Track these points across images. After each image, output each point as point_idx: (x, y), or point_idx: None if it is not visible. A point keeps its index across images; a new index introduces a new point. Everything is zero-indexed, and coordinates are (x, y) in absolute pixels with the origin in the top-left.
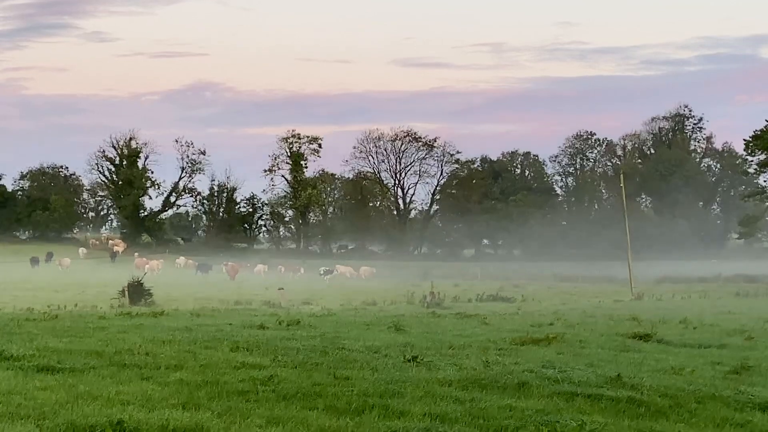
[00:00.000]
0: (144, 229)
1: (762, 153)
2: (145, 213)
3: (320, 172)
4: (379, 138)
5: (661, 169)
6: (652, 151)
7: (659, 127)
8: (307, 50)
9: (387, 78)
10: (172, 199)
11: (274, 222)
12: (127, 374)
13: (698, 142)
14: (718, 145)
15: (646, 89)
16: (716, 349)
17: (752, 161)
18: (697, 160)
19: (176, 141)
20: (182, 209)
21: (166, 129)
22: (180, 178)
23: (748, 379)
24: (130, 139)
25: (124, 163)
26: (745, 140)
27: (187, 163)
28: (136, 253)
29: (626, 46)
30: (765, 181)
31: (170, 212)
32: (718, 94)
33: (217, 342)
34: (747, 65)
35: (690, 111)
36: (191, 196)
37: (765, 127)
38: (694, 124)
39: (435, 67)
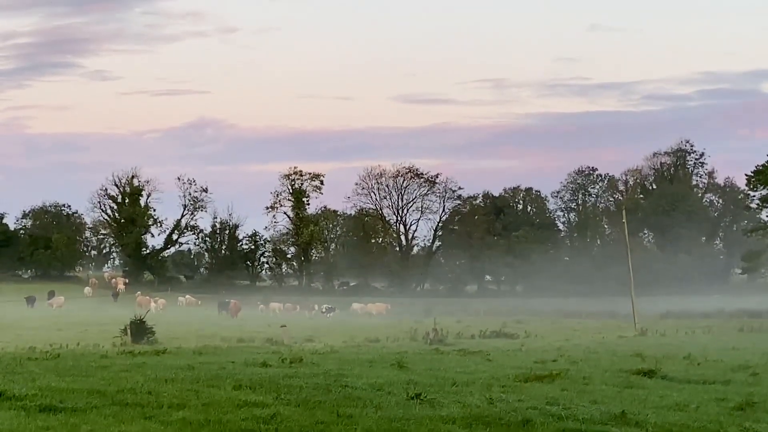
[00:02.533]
0: (146, 267)
1: (764, 188)
2: (148, 251)
3: (322, 208)
4: (380, 174)
5: (663, 205)
6: (654, 187)
7: (661, 163)
8: (309, 87)
9: (388, 114)
10: (175, 236)
11: (276, 259)
12: (130, 413)
13: (700, 177)
14: (720, 180)
15: (647, 124)
16: (721, 385)
17: (754, 196)
18: (699, 195)
19: (178, 178)
20: (184, 247)
21: (168, 166)
22: (182, 216)
23: (753, 415)
24: (132, 177)
25: (126, 201)
26: (746, 175)
27: (189, 200)
28: (139, 292)
29: (627, 81)
30: (767, 216)
31: (172, 250)
32: (719, 129)
33: (220, 380)
34: (748, 100)
35: (691, 146)
36: (193, 233)
37: (766, 162)
38: (696, 159)
39: (436, 103)
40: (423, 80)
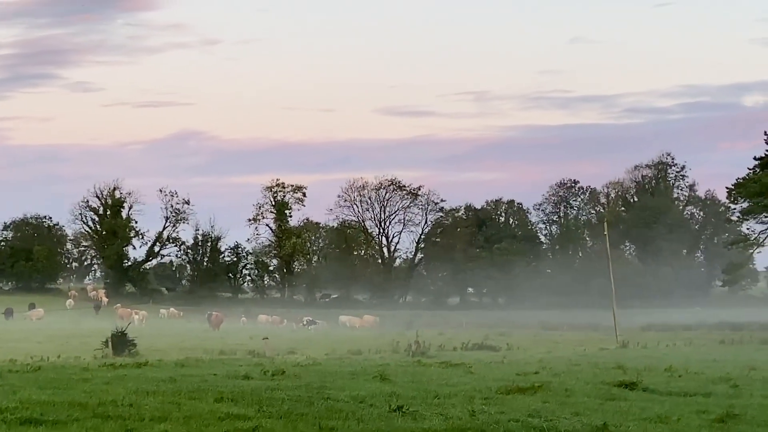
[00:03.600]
0: (128, 279)
1: (745, 201)
2: (129, 263)
3: (305, 220)
4: (363, 186)
5: (645, 217)
6: (636, 199)
7: (642, 175)
8: (292, 99)
9: (371, 126)
10: (156, 248)
11: (258, 271)
12: (111, 426)
13: (681, 189)
14: (701, 192)
15: (628, 137)
16: (702, 397)
17: (735, 209)
18: (681, 207)
19: (160, 190)
20: (166, 259)
21: (150, 178)
22: (164, 228)
23: (735, 427)
24: (114, 188)
25: (108, 213)
26: (727, 188)
27: (171, 212)
28: (119, 304)
29: (609, 94)
30: (748, 229)
31: (154, 262)
32: (700, 142)
33: (202, 393)
34: (729, 113)
35: (673, 159)
36: (175, 245)
37: (747, 174)
38: (677, 172)
39: (419, 115)
40: (405, 92)
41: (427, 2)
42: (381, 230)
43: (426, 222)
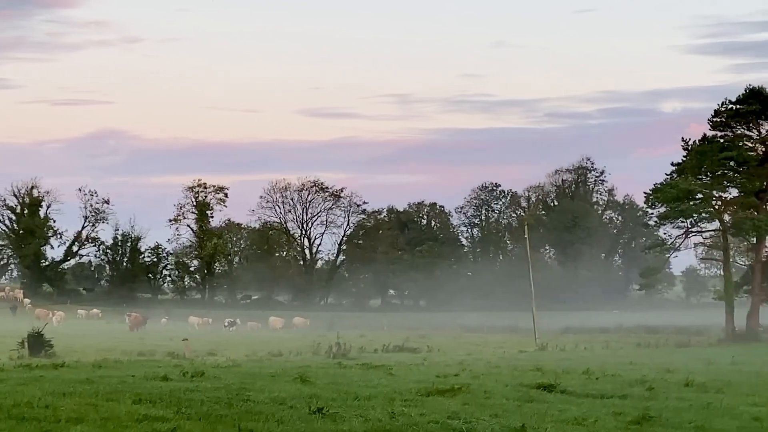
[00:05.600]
0: (45, 279)
1: (662, 206)
2: (47, 263)
3: (226, 221)
4: (285, 188)
5: (565, 221)
6: (556, 203)
7: (562, 180)
8: (214, 99)
9: (294, 127)
10: (75, 248)
11: (178, 272)
12: (26, 428)
13: (600, 194)
14: (619, 197)
15: (549, 141)
16: (618, 399)
17: (652, 214)
18: (600, 212)
19: (79, 190)
20: (85, 259)
21: (69, 177)
22: (83, 228)
23: (650, 429)
24: (32, 187)
25: (25, 211)
26: (645, 193)
27: (90, 212)
28: (30, 303)
29: (530, 98)
30: (665, 234)
31: (72, 262)
32: (619, 147)
33: (120, 394)
34: (647, 119)
35: (592, 164)
36: (94, 245)
37: (664, 180)
38: (597, 176)
39: (342, 117)
40: (329, 94)
41: (350, 5)
42: (303, 232)
43: (348, 224)
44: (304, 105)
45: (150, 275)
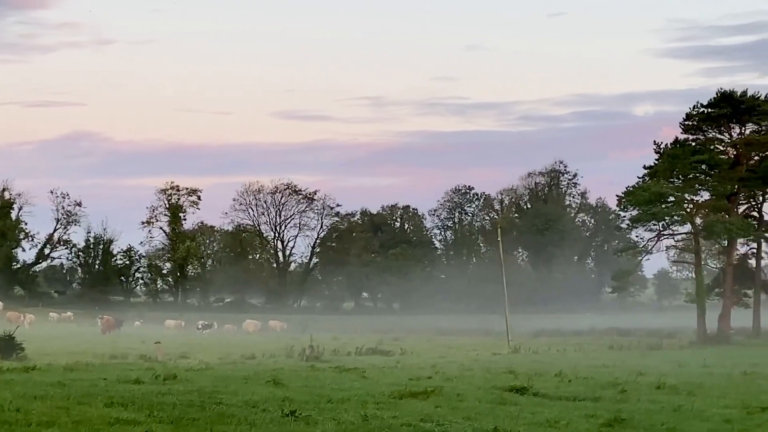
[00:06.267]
0: (17, 282)
1: (634, 209)
2: (18, 266)
3: (199, 224)
4: (259, 190)
5: (538, 224)
6: (529, 206)
7: (535, 182)
8: (188, 101)
9: (268, 130)
10: (47, 251)
11: (151, 275)
12: None
13: (573, 197)
14: (592, 200)
15: (523, 144)
16: (591, 401)
17: (624, 217)
18: (572, 215)
19: (51, 192)
20: (57, 262)
21: (41, 179)
22: (55, 230)
23: (622, 431)
24: (3, 189)
25: None
26: (617, 196)
27: (62, 214)
28: (2, 307)
29: (504, 101)
30: (637, 237)
31: (44, 265)
32: (592, 150)
33: (91, 397)
34: (620, 122)
35: (565, 167)
36: (66, 248)
37: (637, 183)
38: (569, 179)
39: (315, 119)
40: (302, 96)
41: (324, 7)
42: (276, 234)
43: (322, 227)
44: (277, 107)
45: (122, 278)
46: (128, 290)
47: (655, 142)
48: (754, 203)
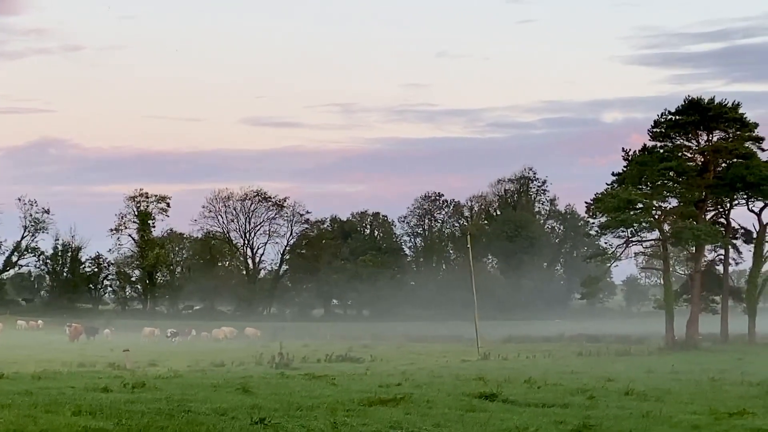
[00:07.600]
0: None
1: (603, 215)
2: None
3: (168, 231)
4: (228, 197)
5: (507, 231)
6: (498, 213)
7: (505, 189)
8: (156, 107)
9: (237, 137)
10: (14, 258)
11: (120, 282)
12: None
13: (542, 204)
14: (561, 207)
15: (492, 151)
16: (560, 408)
17: (593, 223)
18: (542, 221)
19: (19, 199)
20: (24, 269)
21: (8, 187)
22: (22, 238)
23: None
24: None
25: None
26: (586, 203)
27: (30, 221)
28: None
29: (473, 108)
30: (606, 243)
31: (12, 272)
32: (561, 157)
33: (59, 406)
34: (589, 129)
35: (534, 173)
36: (34, 255)
37: (606, 190)
38: (539, 186)
39: (285, 126)
40: (272, 103)
41: (294, 13)
42: (246, 241)
43: (291, 233)
44: (247, 113)
45: (91, 285)
46: (97, 298)
47: (623, 149)
48: (721, 210)
